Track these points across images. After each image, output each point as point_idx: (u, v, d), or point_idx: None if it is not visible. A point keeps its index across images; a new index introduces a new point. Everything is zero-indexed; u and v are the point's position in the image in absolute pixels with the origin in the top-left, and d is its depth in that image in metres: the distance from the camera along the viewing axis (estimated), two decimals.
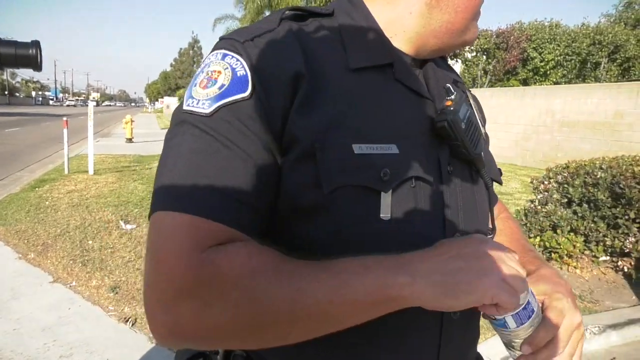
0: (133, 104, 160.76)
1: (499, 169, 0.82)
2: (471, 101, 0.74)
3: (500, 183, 0.81)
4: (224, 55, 0.61)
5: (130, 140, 14.88)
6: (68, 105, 77.72)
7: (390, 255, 0.55)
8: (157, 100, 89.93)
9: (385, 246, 0.58)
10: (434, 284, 0.52)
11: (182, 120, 0.60)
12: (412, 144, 0.63)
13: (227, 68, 0.60)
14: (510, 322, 0.57)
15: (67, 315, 3.07)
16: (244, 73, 0.59)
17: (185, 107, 0.60)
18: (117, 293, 3.38)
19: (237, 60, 0.61)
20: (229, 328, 0.53)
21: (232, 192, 0.56)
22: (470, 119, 0.69)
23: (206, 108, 0.58)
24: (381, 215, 0.59)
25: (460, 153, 0.68)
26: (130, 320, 3.02)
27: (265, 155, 0.58)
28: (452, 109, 0.65)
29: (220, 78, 0.60)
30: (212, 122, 0.58)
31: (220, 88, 0.59)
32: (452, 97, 0.67)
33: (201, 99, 0.59)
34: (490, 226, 0.76)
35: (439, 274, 0.53)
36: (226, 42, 0.63)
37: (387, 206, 0.59)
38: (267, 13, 24.37)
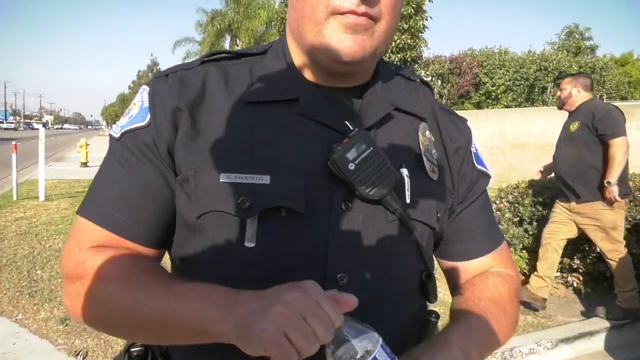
0: (90, 127, 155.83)
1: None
2: (385, 140, 0.69)
3: (433, 228, 0.73)
4: (143, 90, 0.72)
5: (85, 164, 14.37)
6: (6, 129, 65.20)
7: (233, 290, 0.57)
8: (114, 123, 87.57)
9: (252, 274, 0.62)
10: (239, 326, 0.52)
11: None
12: (293, 177, 0.63)
13: (140, 100, 0.71)
14: None
15: (12, 351, 2.89)
16: (147, 105, 0.69)
17: (110, 131, 0.75)
18: (67, 325, 3.21)
19: (147, 93, 0.71)
20: (92, 317, 0.66)
21: (117, 203, 0.68)
22: (366, 159, 0.63)
23: (116, 134, 0.71)
24: (245, 242, 0.62)
25: (355, 193, 0.64)
26: (81, 353, 2.87)
27: (156, 177, 0.68)
28: (339, 148, 0.63)
29: (133, 109, 0.72)
30: (118, 146, 0.71)
31: (129, 117, 0.71)
32: (351, 134, 0.64)
33: (117, 125, 0.73)
34: (422, 271, 0.74)
35: (248, 316, 0.52)
36: (151, 78, 0.74)
37: (252, 234, 0.61)
38: (227, 37, 24.39)
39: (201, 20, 25.08)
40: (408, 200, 0.68)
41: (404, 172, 0.68)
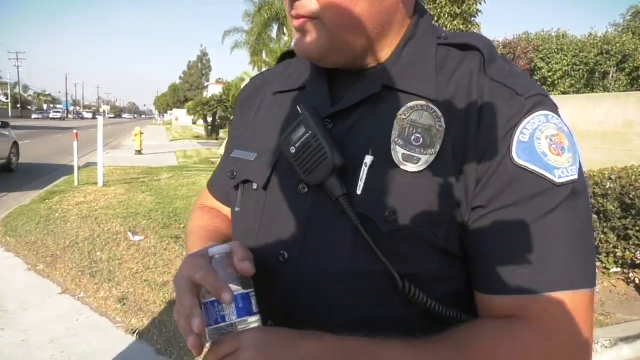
0: (143, 116, 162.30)
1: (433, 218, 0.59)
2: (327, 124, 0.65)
3: (401, 229, 0.59)
4: None
5: (139, 152, 15.01)
6: (52, 118, 64.75)
7: None
8: (165, 112, 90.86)
9: (235, 232, 0.77)
10: None
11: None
12: (267, 156, 0.71)
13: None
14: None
15: (75, 327, 3.08)
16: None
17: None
18: (124, 304, 3.39)
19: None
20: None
21: (215, 175, 0.95)
22: (305, 143, 0.63)
23: None
24: (235, 207, 0.75)
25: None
26: (137, 331, 3.02)
27: None
28: (287, 131, 0.66)
29: None
30: None
31: None
32: (299, 118, 0.65)
33: None
34: (385, 273, 0.60)
35: None
36: None
37: (239, 200, 0.75)
38: (275, 26, 24.45)
39: (249, 10, 25.34)
40: (359, 191, 0.61)
41: (367, 159, 0.61)
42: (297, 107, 0.67)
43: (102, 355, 2.75)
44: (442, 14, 7.42)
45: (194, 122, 36.63)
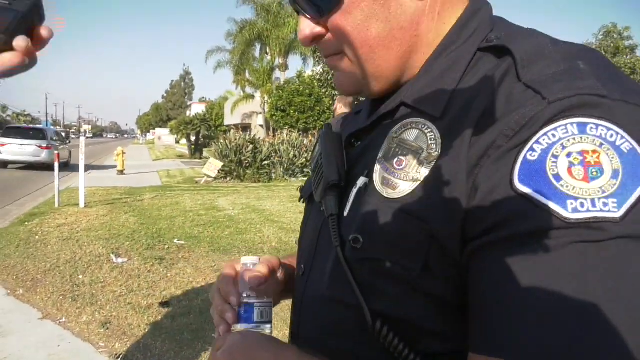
0: (126, 136, 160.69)
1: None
2: (328, 143, 0.65)
3: (375, 259, 0.54)
4: None
5: (121, 172, 14.84)
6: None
7: None
8: (148, 131, 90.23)
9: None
10: None
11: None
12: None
13: None
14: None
15: (56, 353, 3.00)
16: None
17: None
18: (108, 329, 3.32)
19: None
20: None
21: None
22: (317, 161, 0.67)
23: None
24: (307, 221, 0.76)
25: None
26: (121, 356, 2.95)
27: None
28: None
29: None
30: None
31: None
32: (317, 137, 0.72)
33: None
34: (347, 304, 0.56)
35: None
36: None
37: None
38: (258, 46, 24.56)
39: (232, 30, 25.57)
40: (345, 212, 0.58)
41: (361, 180, 0.58)
42: (328, 125, 0.73)
43: None
44: None
45: (177, 142, 36.43)
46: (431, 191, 0.50)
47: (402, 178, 0.53)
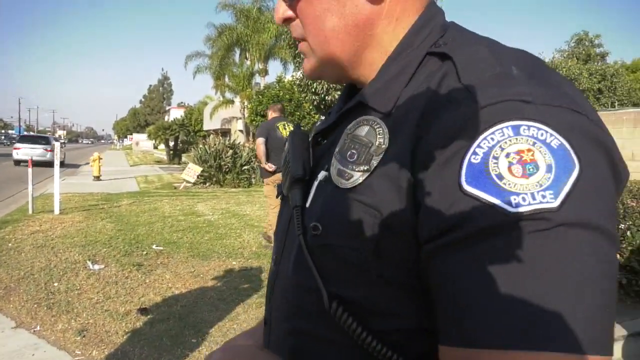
0: (102, 141, 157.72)
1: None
2: (297, 137, 0.72)
3: (328, 245, 0.58)
4: None
5: (98, 178, 14.57)
6: (2, 144, 61.84)
7: None
8: (125, 137, 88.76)
9: None
10: None
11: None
12: None
13: None
14: None
15: None
16: None
17: None
18: (84, 336, 3.25)
19: None
20: None
21: None
22: (285, 158, 0.72)
23: None
24: None
25: None
26: None
27: None
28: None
29: None
30: None
31: None
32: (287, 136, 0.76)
33: None
34: (309, 288, 0.60)
35: None
36: None
37: None
38: (237, 51, 24.43)
39: (211, 34, 25.42)
40: (307, 204, 0.63)
41: (321, 174, 0.63)
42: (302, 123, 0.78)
43: None
44: None
45: (155, 147, 35.93)
46: (380, 180, 0.54)
47: (354, 169, 0.57)
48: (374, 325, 0.54)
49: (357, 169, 0.57)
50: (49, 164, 15.35)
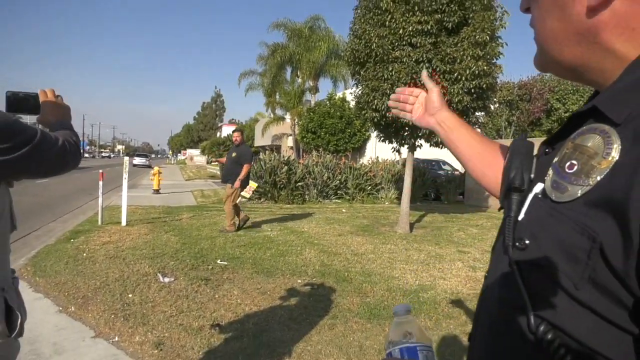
0: (159, 156, 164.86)
1: None
2: None
3: (535, 263, 0.56)
4: None
5: (157, 191, 15.10)
6: (103, 157, 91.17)
7: None
8: (179, 152, 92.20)
9: None
10: None
11: None
12: None
13: None
14: None
15: None
16: None
17: None
18: (161, 350, 3.27)
19: None
20: None
21: None
22: (504, 168, 0.72)
23: None
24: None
25: None
26: None
27: None
28: None
29: None
30: None
31: None
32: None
33: None
34: (518, 306, 0.57)
35: None
36: None
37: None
38: (289, 69, 25.00)
39: (263, 53, 26.09)
40: (520, 216, 0.59)
41: (537, 186, 0.58)
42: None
43: None
44: (464, 57, 7.51)
45: (208, 162, 37.01)
46: (601, 200, 0.47)
47: (572, 182, 0.52)
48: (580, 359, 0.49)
49: (574, 182, 0.52)
50: (148, 167, 30.49)
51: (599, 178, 0.49)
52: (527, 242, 0.54)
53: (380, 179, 14.93)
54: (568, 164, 0.54)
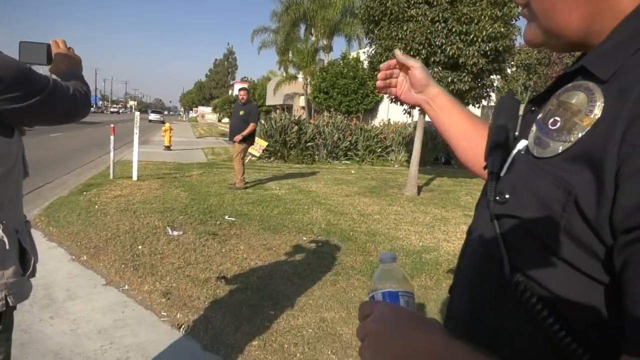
0: (171, 113, 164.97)
1: None
2: None
3: (513, 216, 0.56)
4: None
5: (168, 147, 15.22)
6: (112, 112, 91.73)
7: None
8: (191, 109, 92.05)
9: None
10: None
11: None
12: None
13: None
14: None
15: (122, 319, 3.10)
16: None
17: None
18: (169, 299, 3.40)
19: None
20: None
21: None
22: (490, 126, 0.74)
23: None
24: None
25: None
26: (183, 327, 3.02)
27: None
28: None
29: None
30: None
31: None
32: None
33: None
34: (496, 257, 0.58)
35: None
36: None
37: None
38: (302, 26, 24.42)
39: (277, 9, 25.47)
40: (502, 172, 0.60)
41: (521, 143, 0.59)
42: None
43: (150, 349, 2.75)
44: (482, 17, 7.27)
45: (219, 120, 36.96)
46: (580, 155, 0.48)
47: (553, 138, 0.52)
48: (558, 312, 0.50)
49: (556, 138, 0.52)
50: (162, 122, 29.14)
51: (580, 135, 0.49)
52: (507, 196, 0.56)
53: (391, 141, 14.84)
54: (551, 120, 0.54)
